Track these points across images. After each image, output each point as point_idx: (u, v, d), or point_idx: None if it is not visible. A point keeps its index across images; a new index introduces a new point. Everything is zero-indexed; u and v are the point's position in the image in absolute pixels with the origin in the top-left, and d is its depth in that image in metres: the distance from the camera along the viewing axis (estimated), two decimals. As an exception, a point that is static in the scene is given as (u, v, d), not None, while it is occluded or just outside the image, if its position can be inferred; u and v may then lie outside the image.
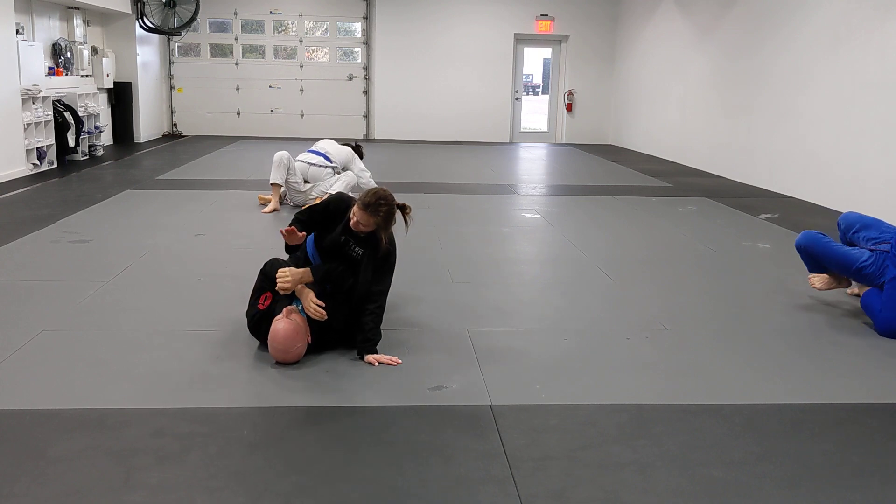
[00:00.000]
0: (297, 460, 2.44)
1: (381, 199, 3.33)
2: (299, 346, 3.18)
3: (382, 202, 3.32)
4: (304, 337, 3.21)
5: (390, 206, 3.35)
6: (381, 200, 3.32)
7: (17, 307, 3.89)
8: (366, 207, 3.31)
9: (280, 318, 3.19)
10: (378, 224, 3.35)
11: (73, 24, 10.78)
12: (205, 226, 6.00)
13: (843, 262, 4.01)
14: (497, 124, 14.45)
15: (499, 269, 4.95)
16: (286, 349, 3.15)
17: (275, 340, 3.15)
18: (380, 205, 3.32)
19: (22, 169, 8.40)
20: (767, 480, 2.38)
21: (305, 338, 3.21)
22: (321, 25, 14.35)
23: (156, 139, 13.17)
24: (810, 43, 7.91)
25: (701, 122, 10.63)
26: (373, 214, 3.32)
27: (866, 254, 3.95)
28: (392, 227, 3.41)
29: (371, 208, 3.31)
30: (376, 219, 3.33)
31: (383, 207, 3.32)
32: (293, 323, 3.17)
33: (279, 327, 3.16)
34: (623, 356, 3.43)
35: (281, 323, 3.17)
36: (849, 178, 7.23)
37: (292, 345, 3.16)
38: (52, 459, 2.40)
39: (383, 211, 3.32)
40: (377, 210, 3.31)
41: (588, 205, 7.51)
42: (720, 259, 5.35)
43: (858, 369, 3.35)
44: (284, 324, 3.16)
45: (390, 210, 3.36)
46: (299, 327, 3.18)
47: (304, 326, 3.22)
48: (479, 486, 2.30)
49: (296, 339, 3.16)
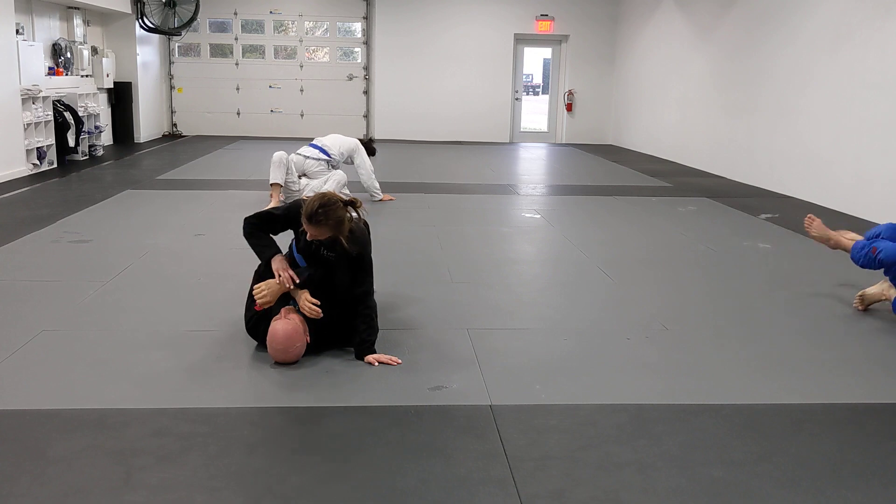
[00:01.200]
0: (296, 460, 2.44)
1: (321, 208, 3.16)
2: (298, 345, 3.18)
3: (321, 210, 3.15)
4: (303, 337, 3.21)
5: (332, 211, 3.17)
6: (320, 209, 3.15)
7: (17, 307, 3.89)
8: (309, 220, 3.18)
9: (278, 319, 3.19)
10: (331, 231, 3.21)
11: (73, 24, 10.78)
12: (205, 226, 6.00)
13: None
14: (497, 124, 14.45)
15: (499, 269, 4.95)
16: (285, 349, 3.15)
17: (274, 341, 3.15)
18: (320, 214, 3.15)
19: (22, 169, 8.40)
20: (767, 480, 2.38)
21: (304, 337, 3.21)
22: (321, 25, 14.35)
23: (156, 139, 13.17)
24: (810, 42, 7.91)
25: (701, 122, 10.63)
26: (318, 225, 3.17)
27: None
28: (349, 227, 3.27)
29: (314, 220, 3.16)
30: (325, 228, 3.19)
31: (324, 216, 3.15)
32: (291, 323, 3.17)
33: (278, 328, 3.16)
34: (623, 356, 3.43)
35: (279, 323, 3.17)
36: (849, 177, 7.23)
37: (291, 345, 3.16)
38: (52, 459, 2.40)
39: (326, 219, 3.16)
40: (319, 221, 3.16)
41: (588, 205, 7.51)
42: (720, 259, 5.35)
43: (858, 369, 3.35)
44: (283, 324, 3.16)
45: (335, 215, 3.18)
46: (297, 327, 3.18)
47: (303, 326, 3.22)
48: (479, 486, 2.30)
49: (294, 339, 3.16)
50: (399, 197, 7.55)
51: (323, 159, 6.94)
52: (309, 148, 7.02)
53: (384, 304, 3.95)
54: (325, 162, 6.94)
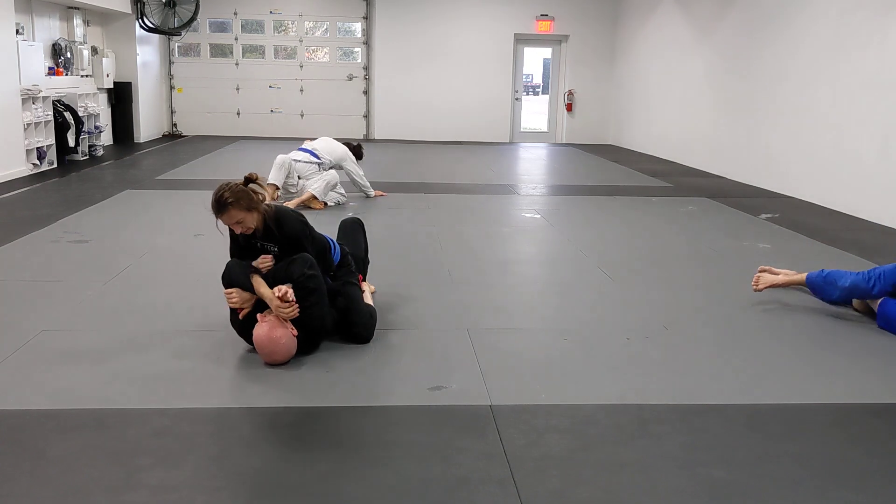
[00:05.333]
0: (297, 460, 2.44)
1: (218, 196, 3.18)
2: (284, 341, 3.15)
3: (220, 197, 3.17)
4: (286, 331, 3.17)
5: (230, 192, 3.17)
6: (219, 197, 3.17)
7: (17, 307, 3.89)
8: (219, 209, 3.18)
9: (257, 326, 3.18)
10: (244, 213, 3.20)
11: (73, 24, 10.78)
12: (205, 226, 5.97)
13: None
14: (497, 124, 14.45)
15: (499, 269, 4.95)
16: (272, 350, 3.15)
17: (260, 346, 3.16)
18: (225, 197, 3.16)
19: (22, 169, 8.40)
20: (768, 480, 2.38)
21: (288, 331, 3.17)
22: (321, 25, 14.35)
23: (156, 139, 13.17)
24: (811, 42, 7.91)
25: (701, 122, 10.63)
26: (229, 208, 3.17)
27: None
28: (260, 203, 3.26)
29: (222, 204, 3.17)
30: (237, 208, 3.18)
31: (229, 196, 3.15)
32: (269, 323, 3.16)
33: (259, 333, 3.16)
34: (623, 356, 3.43)
35: (258, 328, 3.17)
36: (849, 177, 7.23)
37: (276, 344, 3.14)
38: (52, 459, 2.40)
39: (232, 199, 3.16)
40: (227, 202, 3.16)
41: (588, 205, 7.50)
42: (720, 259, 5.35)
43: (858, 369, 3.35)
44: (261, 328, 3.16)
45: (235, 195, 3.17)
46: (274, 323, 3.16)
47: (281, 321, 3.18)
48: (479, 486, 2.30)
49: (276, 338, 3.14)
50: (399, 197, 7.56)
51: (314, 162, 7.03)
52: (299, 152, 7.13)
53: (384, 305, 3.95)
54: (316, 165, 7.02)
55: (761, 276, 4.36)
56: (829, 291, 4.08)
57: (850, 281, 3.98)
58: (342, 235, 4.03)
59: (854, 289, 3.96)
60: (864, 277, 3.93)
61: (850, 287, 3.98)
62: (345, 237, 4.02)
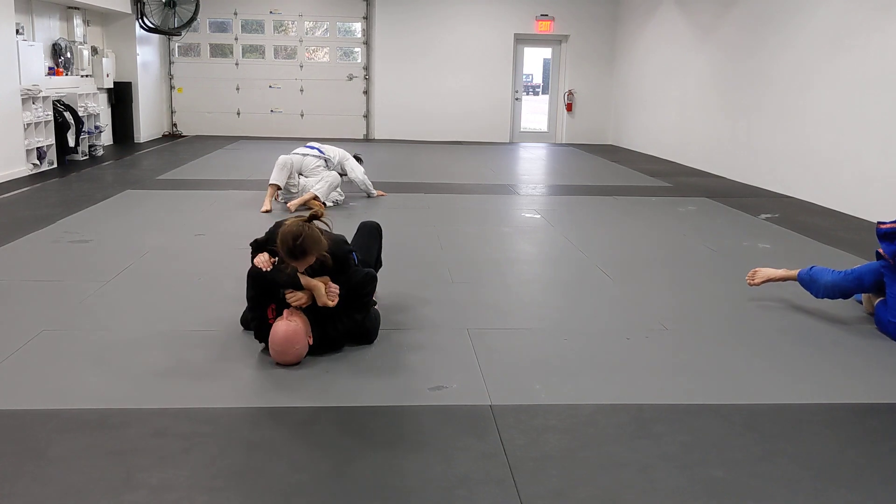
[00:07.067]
0: (297, 460, 2.44)
1: (295, 241, 3.10)
2: (298, 347, 3.18)
3: (299, 243, 3.10)
4: (305, 338, 3.21)
5: (307, 237, 3.12)
6: (296, 242, 3.09)
7: (17, 307, 3.89)
8: (293, 257, 3.13)
9: (281, 320, 3.19)
10: (316, 254, 3.18)
11: (73, 24, 10.78)
12: (205, 226, 6.00)
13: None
14: (497, 124, 14.45)
15: (499, 269, 4.95)
16: (284, 350, 3.16)
17: (274, 342, 3.16)
18: (299, 247, 3.10)
19: (22, 169, 8.40)
20: (767, 480, 2.38)
21: (306, 339, 3.22)
22: (321, 25, 14.35)
23: (156, 139, 13.17)
24: (811, 42, 7.91)
25: (701, 122, 10.63)
26: (303, 256, 3.14)
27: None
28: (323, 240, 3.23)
29: (297, 253, 3.12)
30: (310, 255, 3.15)
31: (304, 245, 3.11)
32: (293, 325, 3.17)
33: (279, 329, 3.17)
34: (623, 356, 3.43)
35: (281, 324, 3.17)
36: (849, 177, 7.23)
37: (291, 347, 3.16)
38: (52, 459, 2.40)
39: (307, 247, 3.12)
40: (302, 252, 3.12)
41: (588, 205, 7.51)
42: (720, 259, 5.35)
43: (858, 369, 3.35)
44: (284, 325, 3.17)
45: (311, 239, 3.13)
46: (299, 329, 3.19)
47: (305, 328, 3.22)
48: (479, 486, 2.30)
49: (294, 341, 3.16)
50: (399, 197, 7.56)
51: (322, 157, 7.09)
52: (305, 148, 7.24)
53: (384, 305, 3.95)
54: (323, 160, 7.06)
55: (759, 271, 4.37)
56: (814, 289, 4.10)
57: (831, 280, 4.02)
58: (358, 237, 3.96)
59: (835, 287, 4.00)
60: (844, 277, 3.98)
61: (831, 285, 4.02)
62: (360, 240, 3.95)
